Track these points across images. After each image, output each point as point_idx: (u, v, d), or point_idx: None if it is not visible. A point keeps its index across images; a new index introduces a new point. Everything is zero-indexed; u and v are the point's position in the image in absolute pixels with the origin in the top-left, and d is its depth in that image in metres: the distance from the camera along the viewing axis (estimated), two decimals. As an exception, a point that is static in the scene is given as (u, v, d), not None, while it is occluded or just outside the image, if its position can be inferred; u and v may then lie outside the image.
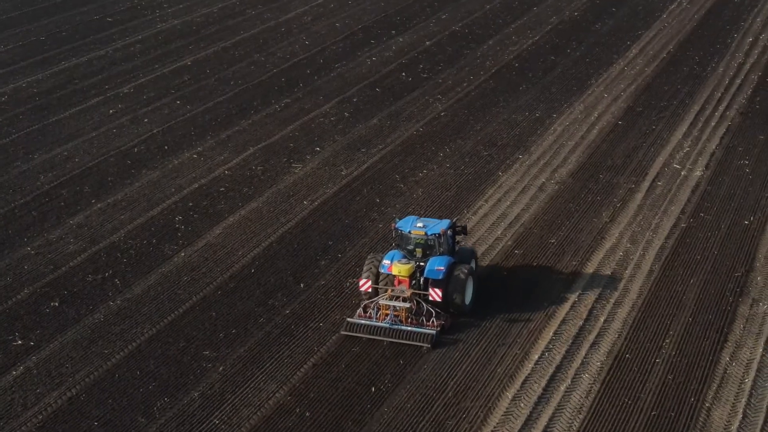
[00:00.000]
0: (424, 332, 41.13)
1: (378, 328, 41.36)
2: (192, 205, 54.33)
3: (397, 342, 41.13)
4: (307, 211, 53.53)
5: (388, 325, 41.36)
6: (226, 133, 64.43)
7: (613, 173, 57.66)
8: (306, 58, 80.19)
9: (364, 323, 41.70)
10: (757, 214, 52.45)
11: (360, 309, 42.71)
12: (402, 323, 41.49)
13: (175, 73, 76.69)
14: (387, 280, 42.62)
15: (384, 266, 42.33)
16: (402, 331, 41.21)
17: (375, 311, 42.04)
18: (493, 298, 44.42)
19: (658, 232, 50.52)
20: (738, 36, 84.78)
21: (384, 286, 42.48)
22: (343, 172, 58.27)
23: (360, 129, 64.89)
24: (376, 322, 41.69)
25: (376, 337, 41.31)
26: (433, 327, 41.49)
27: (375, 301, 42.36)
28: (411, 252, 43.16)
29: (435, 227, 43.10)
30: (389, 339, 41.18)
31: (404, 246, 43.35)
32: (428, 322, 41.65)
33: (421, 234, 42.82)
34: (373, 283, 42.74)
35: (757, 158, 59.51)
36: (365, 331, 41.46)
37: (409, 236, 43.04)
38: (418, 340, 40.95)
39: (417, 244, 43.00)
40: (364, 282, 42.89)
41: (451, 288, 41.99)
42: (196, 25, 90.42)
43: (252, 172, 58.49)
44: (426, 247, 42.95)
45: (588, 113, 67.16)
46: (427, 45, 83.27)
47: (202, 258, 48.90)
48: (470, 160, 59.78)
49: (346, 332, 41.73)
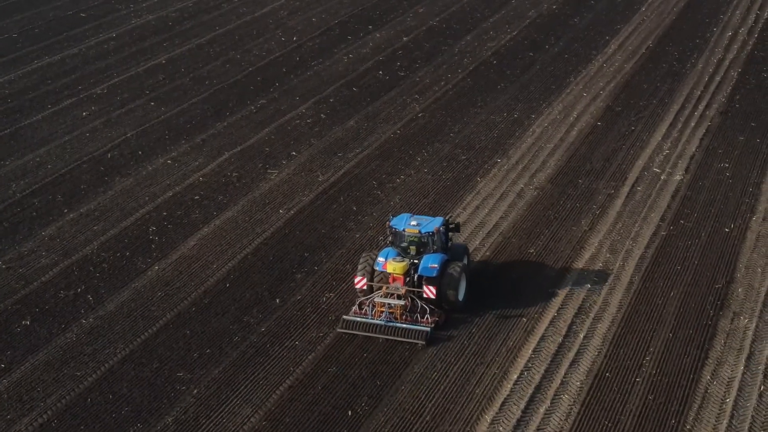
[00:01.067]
0: (418, 329, 41.72)
1: (373, 326, 41.91)
2: (166, 215, 53.51)
3: (391, 339, 41.72)
4: (283, 220, 52.79)
5: (384, 323, 41.97)
6: (200, 137, 63.55)
7: (593, 178, 57.11)
8: (282, 55, 79.26)
9: (360, 320, 42.21)
10: (737, 220, 52.00)
11: (355, 306, 43.22)
12: (397, 320, 42.04)
13: (149, 73, 75.66)
14: (382, 277, 43.10)
15: (379, 264, 42.80)
16: (397, 328, 41.80)
17: (370, 308, 42.55)
18: (470, 311, 43.81)
19: (638, 241, 50.01)
20: (717, 30, 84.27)
21: (379, 284, 43.01)
22: (319, 178, 57.53)
23: (337, 131, 64.12)
24: (371, 319, 42.18)
25: (371, 335, 41.86)
26: (427, 324, 42.06)
27: (370, 299, 42.87)
28: (405, 249, 43.77)
29: (429, 225, 43.76)
30: (385, 336, 41.74)
31: (398, 243, 43.95)
32: (422, 319, 42.25)
33: (415, 232, 43.58)
34: (368, 281, 43.30)
35: (737, 161, 59.05)
36: (361, 329, 42.02)
37: (403, 234, 43.77)
38: (413, 338, 41.51)
39: (411, 242, 43.69)
40: (360, 279, 43.57)
41: (444, 285, 42.62)
42: (170, 20, 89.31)
43: (227, 178, 57.67)
44: (420, 244, 43.65)
45: (567, 113, 66.54)
46: (405, 41, 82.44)
47: (176, 272, 48.12)
48: (448, 164, 59.12)
49: (342, 330, 42.31)
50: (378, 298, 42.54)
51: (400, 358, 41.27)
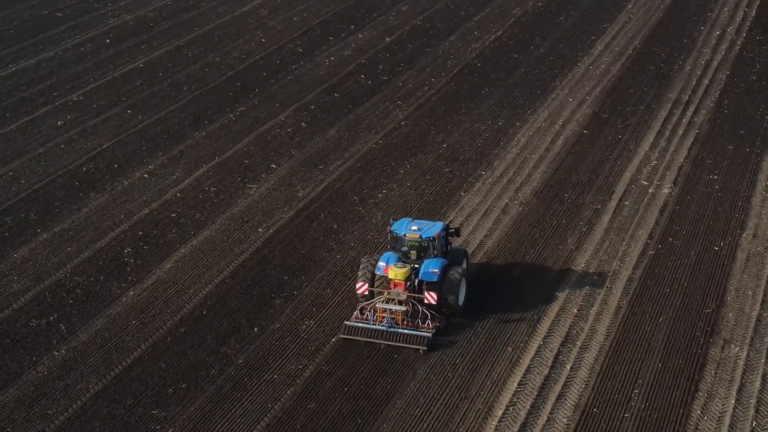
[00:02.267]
0: (420, 335, 41.95)
1: (375, 331, 42.13)
2: (142, 235, 52.09)
3: (393, 345, 41.94)
4: (262, 240, 51.44)
5: (385, 328, 42.13)
6: (178, 148, 62.07)
7: (579, 191, 55.89)
8: (262, 58, 77.72)
9: (362, 326, 42.43)
10: (727, 238, 50.87)
11: (357, 311, 43.40)
12: (398, 326, 42.26)
13: (126, 78, 74.04)
14: (382, 282, 43.27)
15: (380, 268, 43.20)
16: (399, 334, 42.01)
17: (371, 314, 42.72)
18: (456, 340, 42.64)
19: (626, 261, 48.85)
20: (705, 29, 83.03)
21: (380, 289, 43.18)
22: (299, 193, 56.17)
23: (317, 141, 62.71)
24: (373, 324, 42.36)
25: (373, 340, 42.06)
26: (428, 329, 42.25)
27: (372, 304, 43.07)
28: (406, 254, 44.18)
29: (429, 230, 44.19)
30: (386, 342, 41.98)
31: (399, 248, 44.28)
32: (423, 325, 42.45)
33: (416, 237, 43.87)
34: (369, 286, 43.53)
35: (726, 172, 57.90)
36: (363, 335, 42.23)
37: (404, 239, 44.09)
38: (414, 343, 41.73)
39: (412, 247, 44.06)
40: (361, 285, 43.90)
41: (444, 289, 43.07)
42: (149, 20, 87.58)
43: (205, 194, 56.26)
44: (420, 249, 44.03)
45: (552, 121, 65.26)
46: (387, 42, 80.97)
47: (152, 297, 46.77)
48: (431, 177, 57.81)
49: (344, 335, 42.44)
50: (379, 303, 42.73)
51: (381, 391, 40.12)
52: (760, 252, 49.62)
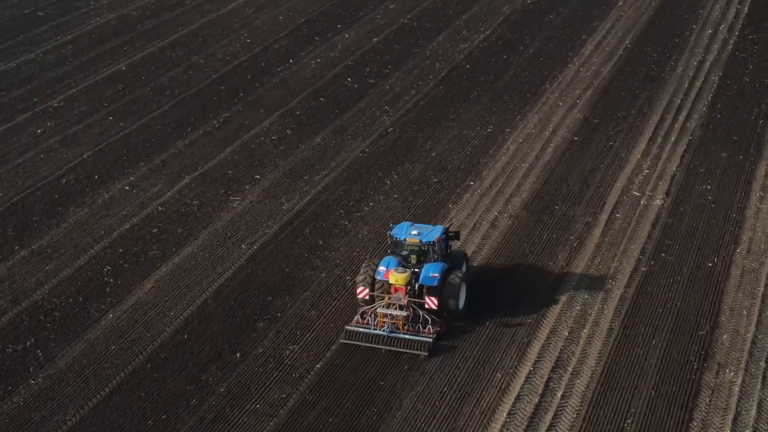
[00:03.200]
0: (421, 340, 42.04)
1: (376, 336, 42.28)
2: (122, 252, 50.82)
3: (394, 350, 42.01)
4: (245, 257, 50.21)
5: (386, 333, 42.26)
6: (160, 158, 60.74)
7: (570, 203, 54.73)
8: (247, 60, 76.33)
9: (363, 331, 42.53)
10: (721, 253, 49.77)
11: (357, 316, 43.49)
12: (399, 331, 42.35)
13: (108, 81, 72.60)
14: (383, 286, 43.46)
15: (380, 273, 43.25)
16: (399, 339, 42.15)
17: (372, 318, 42.79)
18: (442, 365, 41.56)
19: (618, 279, 47.74)
20: (697, 27, 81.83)
21: (380, 294, 43.36)
22: (284, 206, 54.94)
23: (303, 150, 61.43)
24: (374, 329, 42.46)
25: (374, 345, 42.13)
26: (429, 334, 42.31)
27: (373, 309, 43.17)
28: (406, 258, 44.23)
29: (429, 235, 44.22)
30: (387, 347, 42.08)
31: (399, 252, 44.32)
32: (424, 329, 42.50)
33: (416, 241, 43.97)
34: (370, 291, 43.72)
35: (720, 181, 56.80)
36: (364, 340, 42.36)
37: (404, 243, 44.15)
38: (415, 348, 41.90)
39: (412, 251, 44.14)
40: (362, 290, 44.03)
41: (445, 294, 43.21)
42: (131, 19, 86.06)
43: (187, 207, 54.98)
44: (420, 253, 44.12)
45: (542, 127, 64.04)
46: (374, 42, 79.62)
47: (132, 320, 45.56)
48: (419, 188, 56.60)
49: (345, 340, 42.57)
50: (380, 309, 42.79)
51: (367, 423, 39.07)
52: (754, 268, 48.53)
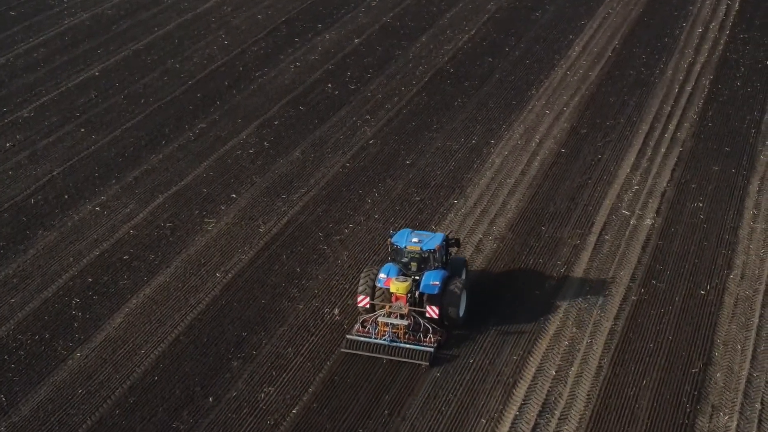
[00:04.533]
0: (422, 350, 42.00)
1: (377, 346, 42.19)
2: (91, 282, 48.79)
3: (395, 360, 41.90)
4: (220, 287, 48.23)
5: (387, 342, 42.19)
6: (132, 174, 58.60)
7: (557, 224, 52.84)
8: (224, 64, 74.06)
9: (364, 340, 42.43)
10: (714, 279, 47.97)
11: (358, 324, 43.37)
12: (400, 340, 42.24)
13: (81, 89, 70.30)
14: (383, 294, 43.35)
15: (380, 280, 43.17)
16: (401, 348, 42.10)
17: (373, 327, 42.72)
18: (429, 402, 39.75)
19: (607, 309, 45.93)
20: (687, 25, 79.83)
21: (381, 302, 43.28)
22: (261, 229, 52.93)
23: (280, 165, 59.35)
24: (375, 339, 42.37)
25: (375, 355, 42.01)
26: (430, 343, 42.26)
27: (374, 317, 43.07)
28: (406, 265, 44.08)
29: (430, 243, 44.09)
30: (388, 357, 41.98)
31: (399, 259, 44.13)
32: (425, 338, 42.47)
33: (417, 249, 43.77)
34: (370, 299, 43.63)
35: (712, 199, 54.95)
36: (365, 349, 42.24)
37: (405, 251, 43.93)
38: (416, 358, 41.85)
39: (412, 258, 43.97)
40: (362, 298, 43.93)
41: (445, 302, 43.17)
42: (106, 19, 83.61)
43: (160, 231, 52.91)
44: (421, 261, 43.98)
45: (528, 137, 62.05)
46: (356, 44, 77.40)
47: (100, 360, 43.58)
48: (401, 208, 54.63)
49: (346, 350, 42.41)
50: (381, 318, 42.63)
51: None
52: (748, 296, 46.76)
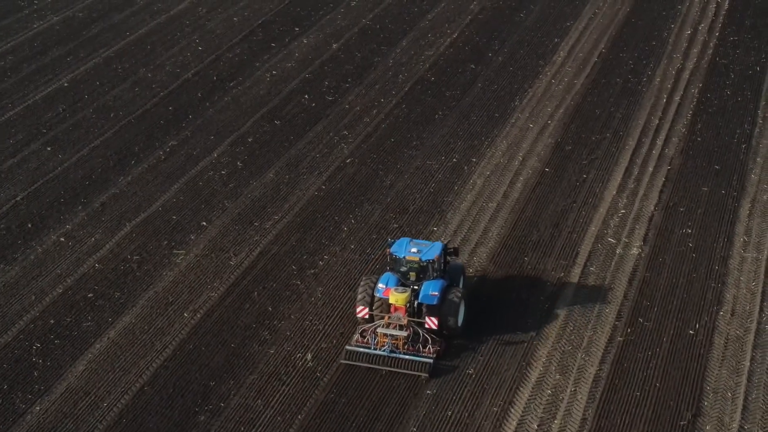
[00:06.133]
0: (421, 361, 42.07)
1: (377, 357, 42.26)
2: (53, 324, 46.66)
3: (395, 371, 41.96)
4: (188, 329, 46.14)
5: (387, 353, 42.22)
6: (100, 199, 56.33)
7: (540, 254, 50.83)
8: (198, 73, 71.61)
9: (363, 351, 42.49)
10: (703, 317, 46.05)
11: (357, 335, 43.46)
12: (399, 350, 42.34)
13: (48, 102, 67.83)
14: (382, 305, 43.36)
15: (379, 290, 43.25)
16: (400, 359, 42.14)
17: (372, 337, 42.78)
18: None
19: (591, 353, 43.97)
20: (675, 26, 77.56)
21: (380, 313, 43.27)
22: (231, 261, 50.77)
23: (254, 188, 57.14)
24: (374, 350, 42.46)
25: (375, 366, 42.09)
26: (429, 354, 42.31)
27: (373, 327, 43.12)
28: (405, 274, 44.08)
29: (429, 253, 44.05)
30: (388, 368, 42.05)
31: (398, 269, 44.12)
32: (424, 349, 42.48)
33: (416, 259, 43.75)
34: (370, 310, 43.63)
35: (701, 224, 52.95)
36: (364, 360, 42.30)
37: (403, 260, 43.93)
38: (415, 369, 41.94)
39: (411, 268, 43.96)
40: (361, 309, 43.97)
41: (444, 311, 43.16)
42: (77, 22, 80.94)
43: (126, 264, 50.72)
44: (420, 270, 43.98)
45: (511, 155, 59.90)
46: (334, 49, 74.98)
47: (60, 414, 41.51)
48: (378, 236, 52.52)
49: (345, 361, 42.49)
50: (380, 329, 42.67)
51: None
52: (739, 336, 44.85)
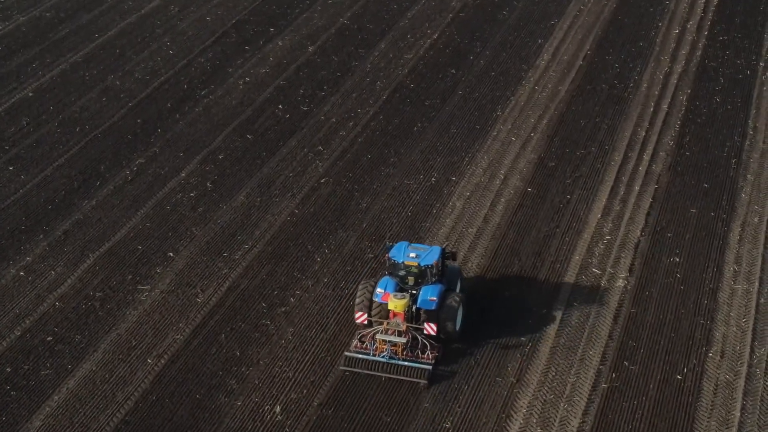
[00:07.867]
0: (420, 367, 42.06)
1: (376, 363, 42.21)
2: (10, 372, 44.42)
3: (394, 378, 41.95)
4: (150, 377, 43.90)
5: (386, 360, 42.20)
6: (62, 227, 53.91)
7: (522, 286, 48.77)
8: (168, 79, 68.97)
9: (362, 358, 42.42)
10: (691, 360, 43.98)
11: (356, 341, 43.36)
12: (398, 357, 42.31)
13: (12, 115, 65.16)
14: (380, 310, 43.29)
15: (378, 295, 43.23)
16: (399, 366, 42.17)
17: (371, 344, 42.70)
18: None
19: (574, 402, 41.91)
20: (663, 25, 75.12)
21: (378, 318, 43.15)
22: (198, 298, 48.48)
23: (223, 213, 54.78)
24: (373, 356, 42.40)
25: (374, 373, 42.02)
26: (428, 360, 42.35)
27: (372, 332, 43.04)
28: (403, 279, 43.99)
29: (428, 257, 43.86)
30: (387, 375, 42.04)
31: (396, 273, 44.00)
32: (423, 355, 42.53)
33: (415, 264, 43.62)
34: (368, 315, 43.57)
35: (689, 252, 50.83)
36: (363, 366, 42.26)
37: (402, 265, 43.79)
38: (414, 376, 41.92)
39: (409, 273, 43.83)
40: (360, 315, 43.96)
41: (443, 316, 43.15)
42: (44, 23, 78.06)
43: (88, 303, 48.44)
44: (418, 275, 43.86)
45: (493, 173, 57.61)
46: (310, 52, 72.36)
47: (14, 480, 39.27)
48: (353, 268, 50.26)
49: (344, 367, 42.41)
50: (379, 335, 42.54)
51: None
52: (729, 381, 42.81)
